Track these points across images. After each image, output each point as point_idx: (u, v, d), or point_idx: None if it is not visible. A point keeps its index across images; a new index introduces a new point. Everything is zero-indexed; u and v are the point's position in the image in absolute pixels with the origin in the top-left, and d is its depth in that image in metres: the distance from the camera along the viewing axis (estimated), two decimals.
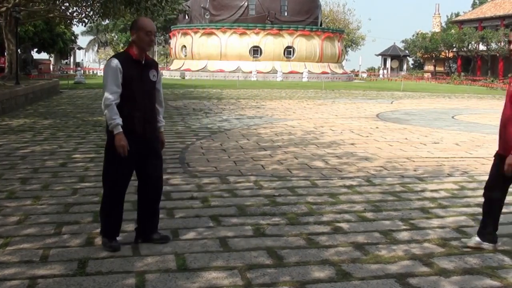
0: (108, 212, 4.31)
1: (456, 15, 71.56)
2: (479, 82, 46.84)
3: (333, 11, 72.99)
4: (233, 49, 45.81)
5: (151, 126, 4.36)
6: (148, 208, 4.47)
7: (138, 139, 4.24)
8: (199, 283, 3.69)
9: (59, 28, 40.99)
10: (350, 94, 27.61)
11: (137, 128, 4.22)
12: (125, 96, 4.18)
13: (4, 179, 6.76)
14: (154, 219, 4.51)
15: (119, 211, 4.35)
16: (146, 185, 4.43)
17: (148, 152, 4.34)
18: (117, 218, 4.35)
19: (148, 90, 4.32)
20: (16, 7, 22.29)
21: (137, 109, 4.22)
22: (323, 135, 11.46)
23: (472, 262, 4.16)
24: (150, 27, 4.25)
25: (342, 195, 6.18)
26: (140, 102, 4.25)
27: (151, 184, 4.42)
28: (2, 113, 14.87)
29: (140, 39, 4.22)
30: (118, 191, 4.31)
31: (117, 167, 4.23)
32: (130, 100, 4.19)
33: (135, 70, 4.24)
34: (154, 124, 4.40)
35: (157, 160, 4.44)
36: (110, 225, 4.32)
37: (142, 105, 4.26)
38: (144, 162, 4.34)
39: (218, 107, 18.29)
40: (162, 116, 4.53)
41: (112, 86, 4.13)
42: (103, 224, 4.35)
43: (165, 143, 4.69)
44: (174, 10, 33.99)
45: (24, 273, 3.80)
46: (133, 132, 4.21)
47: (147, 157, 4.34)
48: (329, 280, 3.78)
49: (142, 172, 4.40)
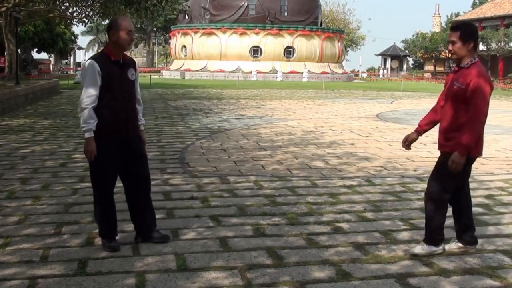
0: (101, 214, 4.32)
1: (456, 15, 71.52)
2: None
3: (333, 11, 73.05)
4: (233, 49, 45.81)
5: (133, 125, 4.37)
6: (140, 208, 4.46)
7: (121, 139, 4.25)
8: (199, 283, 3.69)
9: (59, 28, 41.00)
10: (350, 94, 27.61)
11: (120, 128, 4.23)
12: (106, 97, 4.17)
13: (4, 179, 6.76)
14: (150, 217, 4.50)
15: (112, 212, 4.36)
16: (134, 185, 4.42)
17: (132, 152, 4.34)
18: (111, 218, 4.35)
19: (128, 89, 4.33)
20: (16, 7, 22.29)
21: (119, 109, 4.22)
22: (323, 135, 11.46)
23: (472, 262, 4.16)
24: (130, 26, 4.27)
25: (342, 195, 6.18)
26: (121, 102, 4.25)
27: (139, 184, 4.42)
28: (2, 113, 14.87)
29: (120, 38, 4.21)
30: (107, 193, 4.32)
31: (103, 170, 4.24)
32: (111, 100, 4.19)
33: (115, 71, 4.24)
34: (136, 123, 4.42)
35: (142, 159, 4.45)
36: (107, 226, 4.33)
37: (123, 105, 4.26)
38: (130, 162, 4.33)
39: (218, 107, 18.29)
40: (141, 115, 4.54)
41: (89, 89, 4.12)
42: (100, 226, 4.37)
43: (146, 141, 4.70)
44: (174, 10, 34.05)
45: (24, 273, 3.80)
46: (117, 132, 4.22)
47: (132, 158, 4.34)
48: (329, 280, 3.78)
49: (128, 173, 4.38)
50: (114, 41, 4.23)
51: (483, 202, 5.99)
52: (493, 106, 21.39)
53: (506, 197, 6.24)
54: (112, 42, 4.25)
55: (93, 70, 4.14)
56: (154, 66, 69.38)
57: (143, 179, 4.45)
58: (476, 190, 6.55)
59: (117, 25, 4.23)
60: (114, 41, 4.23)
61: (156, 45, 77.82)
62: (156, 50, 77.70)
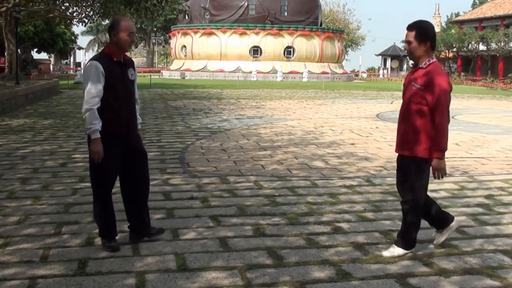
0: (101, 214, 4.32)
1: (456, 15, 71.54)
2: (479, 82, 46.86)
3: (333, 11, 73.05)
4: (233, 49, 45.83)
5: (133, 125, 4.40)
6: (139, 208, 4.47)
7: (123, 139, 4.26)
8: (199, 283, 3.69)
9: (59, 28, 41.00)
10: (350, 94, 27.61)
11: (123, 128, 4.24)
12: (109, 97, 4.17)
13: (4, 179, 6.76)
14: (147, 217, 4.52)
15: (111, 212, 4.36)
16: (134, 185, 4.42)
17: (133, 151, 4.35)
18: (111, 218, 4.35)
19: (129, 89, 4.35)
20: (16, 7, 22.29)
21: (121, 110, 4.23)
22: (323, 135, 11.46)
23: (472, 262, 4.16)
24: (132, 28, 4.27)
25: (342, 195, 6.18)
26: (122, 102, 4.26)
27: (139, 184, 4.43)
28: (2, 113, 14.87)
29: (122, 40, 4.21)
30: (107, 194, 4.32)
31: (105, 171, 4.24)
32: (114, 101, 4.19)
33: (117, 71, 4.25)
34: (136, 122, 4.44)
35: (143, 157, 4.46)
36: (106, 226, 4.33)
37: (124, 105, 4.28)
38: (131, 162, 4.33)
39: (218, 107, 18.29)
40: (139, 114, 4.56)
41: (93, 90, 4.11)
42: (99, 226, 4.36)
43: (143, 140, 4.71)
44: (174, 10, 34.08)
45: (24, 273, 3.80)
46: (119, 132, 4.23)
47: (133, 157, 4.35)
48: (329, 280, 3.78)
49: (128, 173, 4.38)
50: (115, 41, 4.23)
51: (483, 202, 5.99)
52: (493, 106, 21.44)
53: (506, 197, 6.24)
54: (113, 43, 4.25)
55: (97, 70, 4.13)
56: (154, 66, 69.39)
57: (143, 179, 4.46)
58: (476, 190, 6.55)
59: (118, 25, 4.23)
60: (115, 42, 4.24)
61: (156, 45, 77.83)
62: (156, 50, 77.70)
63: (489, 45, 52.65)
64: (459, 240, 4.65)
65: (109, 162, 4.20)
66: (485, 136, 11.69)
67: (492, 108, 20.25)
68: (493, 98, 27.91)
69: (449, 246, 4.51)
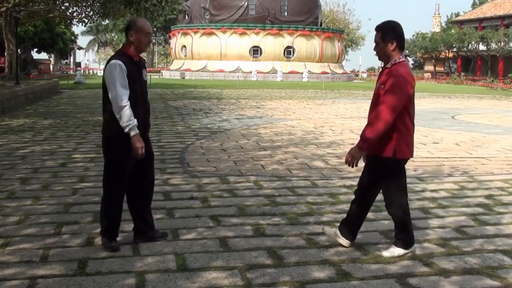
0: (109, 214, 4.31)
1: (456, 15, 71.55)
2: (479, 82, 46.87)
3: (333, 11, 73.02)
4: (233, 49, 45.84)
5: (149, 125, 4.46)
6: (144, 208, 4.49)
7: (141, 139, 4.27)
8: (199, 283, 3.69)
9: (59, 28, 41.03)
10: (350, 94, 27.61)
11: (141, 128, 4.25)
12: (129, 97, 4.18)
13: (4, 179, 6.76)
14: (150, 216, 4.54)
15: (119, 212, 4.36)
16: (141, 185, 4.43)
17: (145, 152, 4.34)
18: (117, 219, 4.36)
19: (144, 90, 4.40)
20: (16, 7, 22.30)
21: (139, 110, 4.25)
22: (323, 135, 11.47)
23: (472, 262, 4.16)
24: (149, 28, 4.32)
25: (342, 195, 6.18)
26: (140, 102, 4.29)
27: (146, 184, 4.45)
28: (2, 113, 14.87)
29: (139, 40, 4.24)
30: (121, 193, 4.34)
31: (123, 170, 4.25)
32: (133, 101, 4.19)
33: (136, 71, 4.28)
34: (149, 122, 4.49)
35: (152, 158, 4.51)
36: (111, 225, 4.32)
37: (142, 105, 4.31)
38: (140, 163, 4.33)
39: (218, 107, 18.29)
40: None
41: (122, 88, 4.12)
42: (104, 225, 4.35)
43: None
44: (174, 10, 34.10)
45: (24, 273, 3.79)
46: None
47: (144, 158, 4.34)
48: (329, 280, 3.78)
49: (137, 173, 4.39)
50: (133, 41, 4.26)
51: (483, 202, 5.99)
52: (493, 106, 21.44)
53: (506, 197, 6.24)
54: (131, 43, 4.27)
55: (121, 70, 4.14)
56: (154, 66, 69.36)
57: (150, 180, 4.49)
58: (476, 190, 6.55)
59: (136, 26, 4.25)
60: (133, 42, 4.26)
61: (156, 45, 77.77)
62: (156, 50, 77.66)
63: (489, 45, 52.68)
64: (459, 240, 4.65)
65: (127, 162, 4.22)
66: (485, 136, 11.69)
67: (492, 108, 20.25)
68: (493, 98, 27.91)
69: (449, 246, 4.51)
